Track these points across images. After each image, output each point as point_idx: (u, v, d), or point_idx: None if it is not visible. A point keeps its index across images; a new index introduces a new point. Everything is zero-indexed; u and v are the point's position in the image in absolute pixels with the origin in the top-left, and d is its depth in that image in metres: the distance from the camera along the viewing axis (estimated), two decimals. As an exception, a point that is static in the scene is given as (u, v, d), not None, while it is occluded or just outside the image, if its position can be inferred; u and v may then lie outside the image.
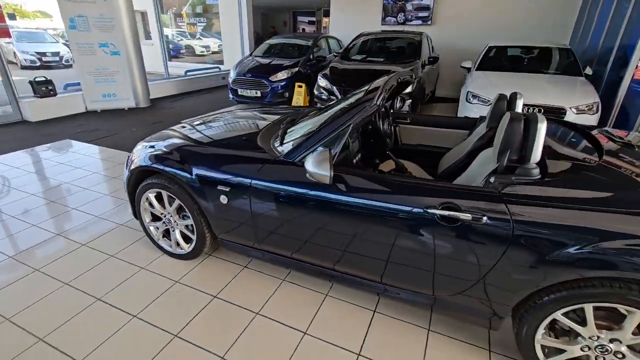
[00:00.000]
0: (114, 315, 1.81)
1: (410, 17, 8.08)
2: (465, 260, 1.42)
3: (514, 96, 2.08)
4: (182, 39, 17.70)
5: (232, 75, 6.42)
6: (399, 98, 4.69)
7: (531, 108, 4.16)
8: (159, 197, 2.12)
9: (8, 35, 5.09)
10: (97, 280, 2.06)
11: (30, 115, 5.37)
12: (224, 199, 1.83)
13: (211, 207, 1.90)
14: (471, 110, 4.49)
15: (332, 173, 1.46)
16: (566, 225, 1.25)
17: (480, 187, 1.41)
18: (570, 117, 4.09)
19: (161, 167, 1.98)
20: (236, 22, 9.91)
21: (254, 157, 1.81)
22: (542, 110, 4.13)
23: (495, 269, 1.38)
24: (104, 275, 2.10)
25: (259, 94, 6.14)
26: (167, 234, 2.26)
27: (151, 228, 2.25)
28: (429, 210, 1.41)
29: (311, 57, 6.78)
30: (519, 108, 2.08)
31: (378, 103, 1.65)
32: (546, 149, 1.51)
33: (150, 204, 2.14)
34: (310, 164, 1.49)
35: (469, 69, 5.63)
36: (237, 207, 1.83)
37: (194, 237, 2.11)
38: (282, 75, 6.12)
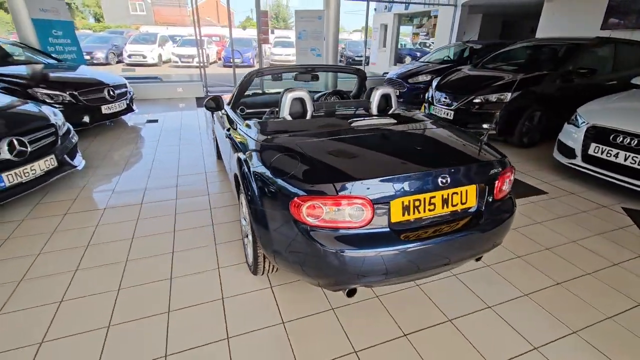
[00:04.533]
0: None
1: (645, 19, 6.06)
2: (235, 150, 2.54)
3: (374, 89, 2.59)
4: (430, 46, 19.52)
5: (389, 74, 7.63)
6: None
7: (621, 135, 3.17)
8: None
9: (268, 42, 8.51)
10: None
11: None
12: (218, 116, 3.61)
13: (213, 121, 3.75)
14: (568, 134, 3.76)
15: (211, 105, 2.92)
16: (240, 136, 2.22)
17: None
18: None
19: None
20: (447, 32, 10.52)
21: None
22: (637, 141, 3.05)
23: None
24: (191, 154, 4.44)
25: (397, 93, 7.08)
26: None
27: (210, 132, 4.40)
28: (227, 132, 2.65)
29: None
30: (374, 98, 2.58)
31: (251, 78, 2.87)
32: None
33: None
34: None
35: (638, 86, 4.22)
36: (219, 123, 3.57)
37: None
38: (422, 78, 6.74)
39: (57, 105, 4.51)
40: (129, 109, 5.57)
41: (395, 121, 2.22)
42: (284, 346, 1.71)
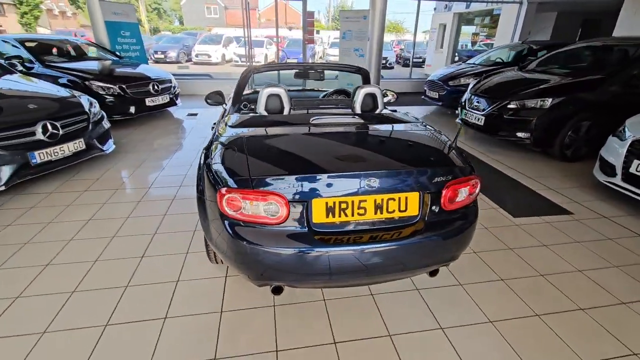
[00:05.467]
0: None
1: None
2: None
3: (358, 88, 2.51)
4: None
5: (430, 76, 7.24)
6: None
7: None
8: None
9: (313, 42, 8.64)
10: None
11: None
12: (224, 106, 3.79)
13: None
14: (611, 148, 3.24)
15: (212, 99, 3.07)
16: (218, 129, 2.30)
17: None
18: None
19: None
20: (510, 32, 9.66)
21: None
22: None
23: None
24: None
25: (436, 96, 6.68)
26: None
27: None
28: (212, 125, 2.76)
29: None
30: (358, 97, 2.50)
31: (247, 75, 2.95)
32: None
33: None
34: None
35: None
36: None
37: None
38: (463, 80, 6.27)
39: (108, 97, 5.12)
40: (171, 103, 6.08)
41: (362, 120, 2.12)
42: (212, 334, 1.75)
